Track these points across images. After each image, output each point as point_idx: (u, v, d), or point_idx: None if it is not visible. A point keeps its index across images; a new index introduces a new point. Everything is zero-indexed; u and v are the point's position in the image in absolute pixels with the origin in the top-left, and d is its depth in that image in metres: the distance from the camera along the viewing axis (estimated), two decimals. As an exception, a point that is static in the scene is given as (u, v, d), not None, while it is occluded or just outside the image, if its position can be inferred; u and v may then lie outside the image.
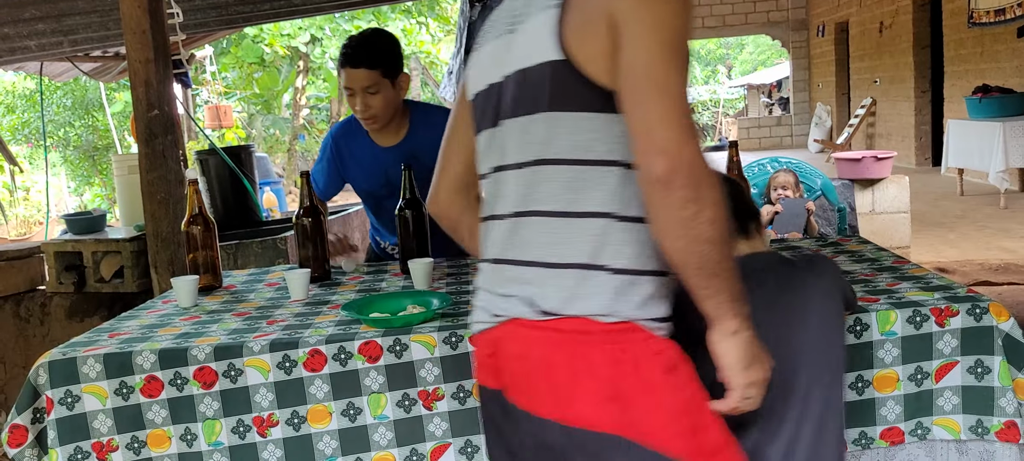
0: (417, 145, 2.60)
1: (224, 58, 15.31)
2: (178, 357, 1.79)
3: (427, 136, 2.54)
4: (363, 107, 2.50)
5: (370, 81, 2.47)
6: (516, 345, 1.30)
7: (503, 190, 1.35)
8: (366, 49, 2.48)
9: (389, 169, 2.61)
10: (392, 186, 2.56)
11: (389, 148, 2.63)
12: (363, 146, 2.65)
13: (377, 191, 2.70)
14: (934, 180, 9.56)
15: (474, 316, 1.40)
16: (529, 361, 1.28)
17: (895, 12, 11.44)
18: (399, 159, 2.54)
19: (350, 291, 2.28)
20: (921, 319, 1.71)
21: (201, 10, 3.99)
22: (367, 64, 2.46)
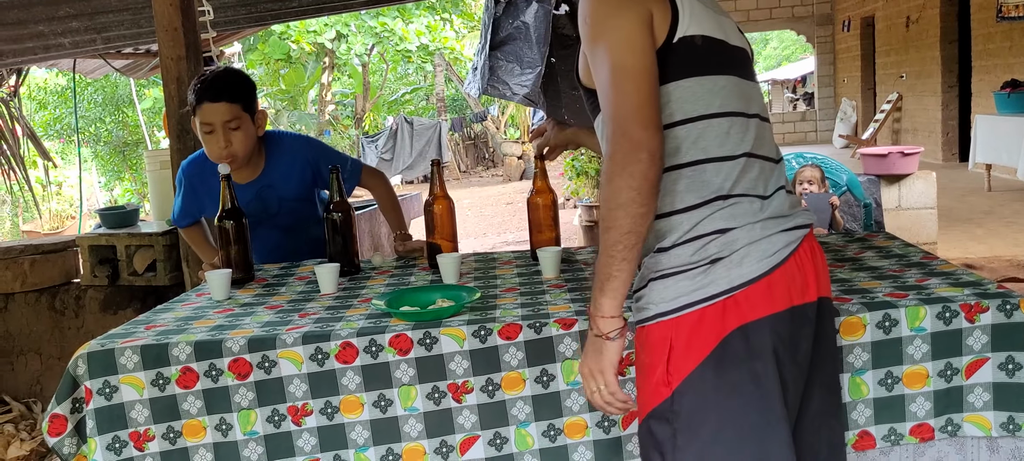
0: (273, 177, 2.61)
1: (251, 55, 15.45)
2: (213, 349, 1.82)
3: (282, 164, 2.61)
4: (225, 143, 2.44)
5: (231, 115, 2.42)
6: (817, 245, 1.53)
7: (766, 136, 1.53)
8: (226, 83, 2.44)
9: (247, 203, 2.53)
10: (252, 218, 2.50)
11: (245, 185, 2.58)
12: (216, 181, 2.45)
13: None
14: (961, 176, 9.46)
15: (768, 248, 1.44)
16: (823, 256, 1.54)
17: (922, 6, 11.32)
18: (255, 194, 2.59)
19: (379, 285, 2.31)
20: (951, 315, 1.71)
21: (231, 8, 4.04)
22: (228, 97, 2.42)
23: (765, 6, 15.61)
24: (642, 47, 1.40)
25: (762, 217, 1.45)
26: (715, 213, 1.43)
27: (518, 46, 7.07)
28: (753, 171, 1.47)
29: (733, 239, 1.42)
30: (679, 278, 1.43)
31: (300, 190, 2.67)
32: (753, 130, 1.49)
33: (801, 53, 24.96)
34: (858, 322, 1.72)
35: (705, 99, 1.45)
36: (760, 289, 1.41)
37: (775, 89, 24.04)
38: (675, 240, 1.44)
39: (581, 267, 2.33)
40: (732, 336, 1.40)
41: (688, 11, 1.45)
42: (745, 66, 1.55)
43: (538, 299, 2.00)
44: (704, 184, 1.44)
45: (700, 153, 1.44)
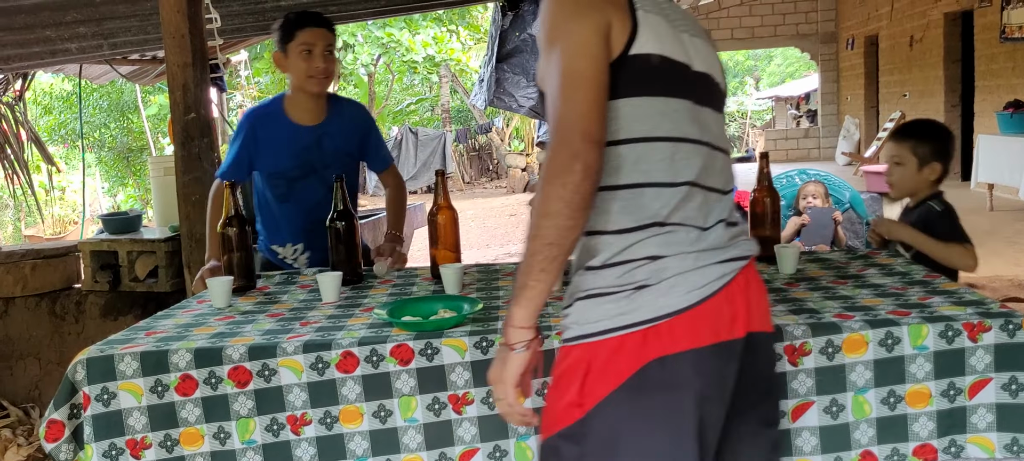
0: (331, 128, 2.80)
1: (258, 63, 15.49)
2: (213, 356, 1.82)
3: (340, 124, 2.82)
4: (325, 65, 2.69)
5: (329, 41, 2.71)
6: (755, 278, 1.50)
7: (718, 166, 1.49)
8: (322, 16, 2.73)
9: (306, 148, 2.75)
10: (305, 167, 2.74)
11: (307, 127, 2.77)
12: (280, 127, 2.75)
13: (290, 171, 2.75)
14: (963, 195, 9.45)
15: (698, 280, 1.40)
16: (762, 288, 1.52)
17: (926, 26, 11.34)
18: (315, 138, 2.76)
19: (381, 294, 2.31)
20: (954, 334, 1.70)
21: (239, 16, 4.06)
22: (328, 26, 2.72)
23: (770, 23, 15.66)
24: (595, 55, 1.36)
25: (697, 248, 1.41)
26: (648, 239, 1.39)
27: (524, 58, 7.09)
28: (695, 200, 1.42)
29: (663, 267, 1.38)
30: (604, 300, 1.39)
31: (351, 147, 2.86)
32: (702, 158, 1.45)
33: (805, 70, 25.00)
34: (861, 339, 1.72)
35: (652, 120, 1.41)
36: (684, 321, 1.37)
37: (779, 106, 24.06)
38: (604, 261, 1.40)
39: (583, 280, 2.32)
40: (651, 366, 1.36)
41: (649, 29, 1.40)
42: (708, 93, 1.50)
43: (542, 310, 1.99)
44: (641, 208, 1.40)
45: (640, 176, 1.40)
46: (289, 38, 2.68)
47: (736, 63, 32.07)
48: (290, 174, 2.75)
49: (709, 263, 1.41)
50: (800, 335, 1.73)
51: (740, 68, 32.17)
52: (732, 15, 15.51)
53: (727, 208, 1.49)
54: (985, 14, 9.61)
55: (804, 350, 1.73)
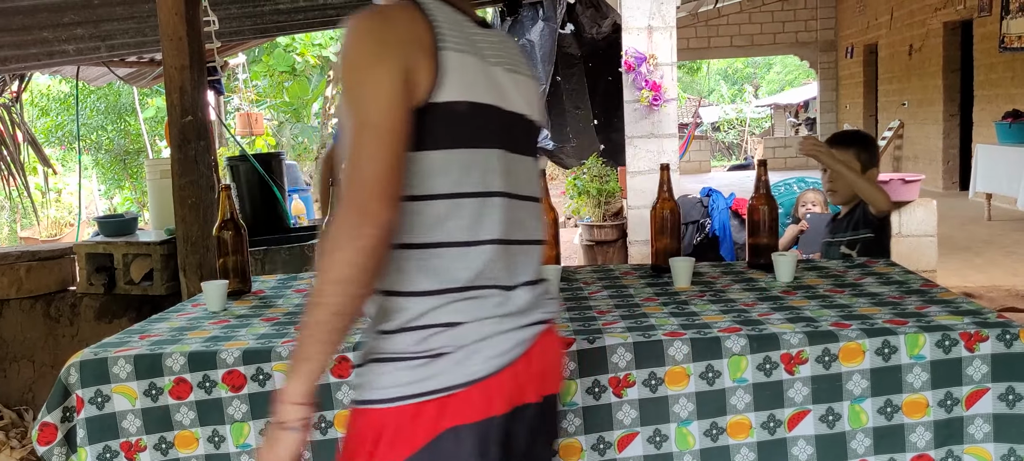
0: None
1: (256, 66, 15.48)
2: (207, 360, 1.81)
3: None
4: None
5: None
6: (553, 341, 1.46)
7: (527, 218, 1.42)
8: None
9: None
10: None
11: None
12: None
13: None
14: (961, 204, 9.45)
15: (498, 347, 1.33)
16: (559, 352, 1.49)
17: (925, 35, 11.36)
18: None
19: (377, 300, 2.30)
20: (950, 344, 1.70)
21: (236, 19, 4.05)
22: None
23: (769, 31, 15.67)
24: (394, 105, 1.24)
25: (499, 313, 1.33)
26: (448, 305, 1.29)
27: (522, 64, 7.09)
28: (501, 260, 1.34)
29: (462, 334, 1.30)
30: (399, 366, 1.29)
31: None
32: (511, 212, 1.36)
33: (804, 78, 25.04)
34: (857, 348, 1.71)
35: (457, 174, 1.30)
36: (481, 390, 1.30)
37: (778, 113, 24.08)
38: (400, 325, 1.30)
39: (581, 286, 2.32)
40: (444, 436, 1.28)
41: (456, 73, 1.29)
42: (523, 137, 1.42)
43: (536, 318, 1.98)
44: (442, 270, 1.30)
45: (443, 235, 1.30)
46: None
47: (735, 70, 32.11)
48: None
49: (510, 328, 1.34)
50: (797, 343, 1.72)
51: (739, 76, 32.21)
52: (731, 22, 15.53)
53: (534, 262, 1.43)
54: (984, 24, 9.63)
55: (801, 358, 1.72)
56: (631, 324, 1.87)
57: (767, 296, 2.10)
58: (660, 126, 6.45)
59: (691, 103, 24.63)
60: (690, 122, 17.28)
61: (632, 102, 6.44)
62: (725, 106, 26.91)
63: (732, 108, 26.29)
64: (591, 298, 2.17)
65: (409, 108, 1.25)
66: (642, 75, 6.29)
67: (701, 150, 15.60)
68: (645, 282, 2.34)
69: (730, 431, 1.74)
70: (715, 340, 1.74)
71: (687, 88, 27.97)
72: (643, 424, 1.75)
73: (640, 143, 6.49)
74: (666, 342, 1.75)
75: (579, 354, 1.76)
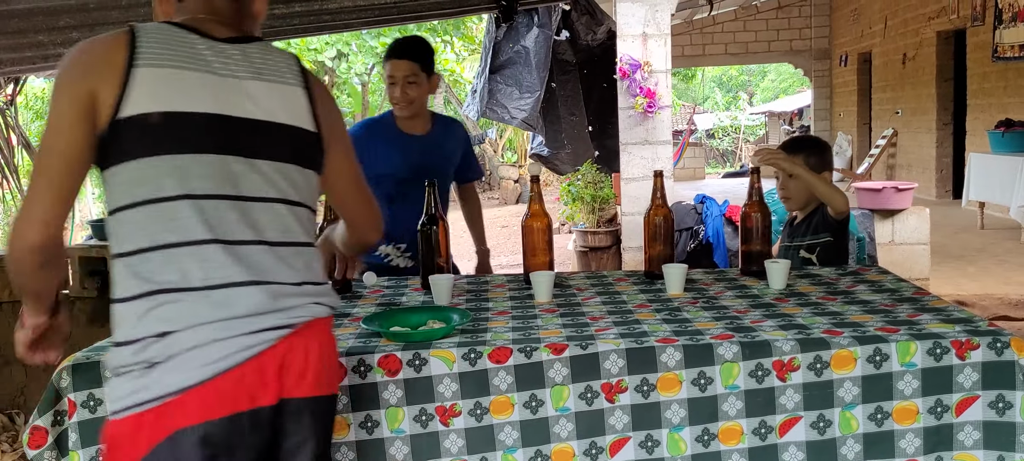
0: (438, 139, 2.99)
1: (249, 71, 15.46)
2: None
3: (447, 136, 3.03)
4: (402, 94, 2.85)
5: (411, 71, 2.84)
6: (317, 341, 1.52)
7: (258, 219, 1.48)
8: (410, 46, 2.89)
9: (414, 154, 2.90)
10: (413, 170, 2.85)
11: (415, 135, 2.95)
12: (389, 132, 2.94)
13: (399, 172, 2.89)
14: (954, 213, 9.49)
15: (214, 353, 1.39)
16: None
17: (919, 44, 11.41)
18: (424, 147, 2.93)
19: (370, 304, 2.30)
20: (942, 351, 1.71)
21: (230, 23, 4.05)
22: (410, 57, 2.85)
23: (764, 39, 15.72)
24: (65, 130, 1.37)
25: (218, 317, 1.40)
26: (158, 308, 1.39)
27: (518, 70, 7.11)
28: (218, 261, 1.41)
29: (175, 342, 1.38)
30: (123, 379, 1.40)
31: (452, 157, 3.06)
32: (235, 213, 1.44)
33: (798, 86, 25.12)
34: (849, 355, 1.72)
35: (157, 181, 1.39)
36: (197, 395, 1.37)
37: (771, 121, 24.15)
38: (120, 338, 1.41)
39: (574, 292, 2.32)
40: (163, 445, 1.37)
41: (146, 85, 1.38)
42: (260, 140, 1.48)
43: (530, 323, 1.99)
44: (147, 275, 1.39)
45: (146, 240, 1.40)
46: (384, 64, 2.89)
47: (730, 78, 32.20)
48: (399, 176, 2.89)
49: (234, 335, 1.40)
50: (788, 350, 1.73)
51: (734, 83, 32.30)
52: (727, 30, 15.58)
53: (276, 264, 1.48)
54: (978, 33, 9.68)
55: (792, 365, 1.73)
56: (624, 330, 1.88)
57: (759, 303, 2.11)
58: (654, 133, 6.47)
59: (686, 110, 24.68)
60: (685, 129, 17.32)
61: (627, 109, 6.45)
62: (720, 113, 26.97)
63: (727, 115, 26.35)
64: (584, 304, 2.17)
65: (92, 130, 1.38)
66: (637, 82, 6.30)
67: (695, 157, 15.65)
68: (638, 288, 2.35)
69: (722, 437, 1.75)
70: (707, 347, 1.75)
71: (682, 95, 28.04)
72: (635, 429, 1.76)
73: (634, 150, 6.51)
74: (659, 348, 1.75)
75: (572, 360, 1.76)
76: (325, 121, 1.59)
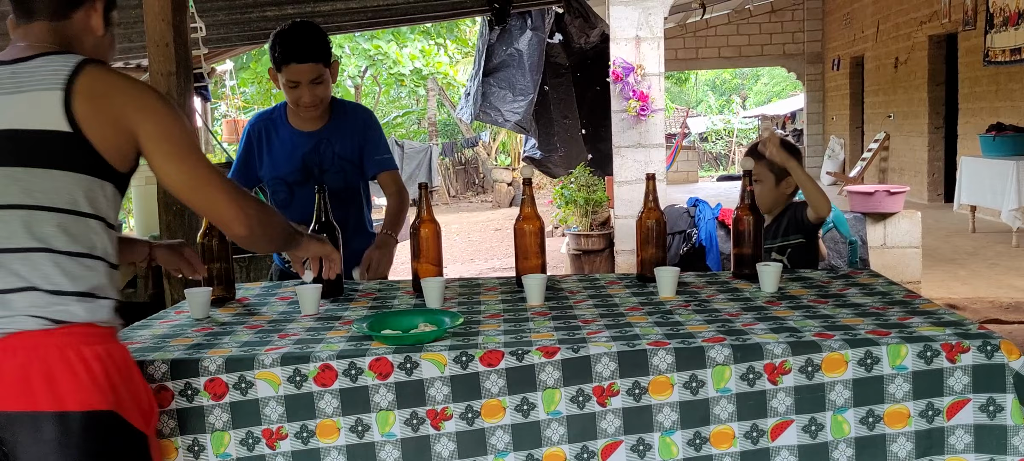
0: (333, 131, 2.78)
1: (244, 73, 15.45)
2: (189, 368, 1.80)
3: (343, 124, 2.80)
4: (310, 97, 2.66)
5: (316, 73, 2.64)
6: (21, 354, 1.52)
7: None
8: (310, 44, 2.64)
9: (307, 153, 2.75)
10: (307, 171, 2.74)
11: (307, 132, 2.77)
12: (281, 132, 2.78)
13: (291, 176, 2.76)
14: (946, 216, 9.52)
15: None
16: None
17: (911, 48, 11.45)
18: (316, 142, 2.75)
19: (362, 307, 2.29)
20: (932, 354, 1.71)
21: (224, 26, 4.04)
22: (313, 58, 2.63)
23: (757, 43, 15.77)
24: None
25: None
26: None
27: (511, 73, 7.12)
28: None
29: None
30: None
31: (350, 152, 2.81)
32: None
33: (791, 90, 25.20)
34: (840, 359, 1.72)
35: None
36: None
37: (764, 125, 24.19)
38: None
39: (566, 295, 2.32)
40: None
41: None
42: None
43: (521, 326, 1.98)
44: None
45: None
46: (277, 66, 2.68)
47: (723, 81, 32.28)
48: (290, 179, 2.75)
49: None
50: (780, 354, 1.73)
51: (727, 86, 32.38)
52: (720, 34, 15.62)
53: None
54: (969, 38, 9.72)
55: (784, 369, 1.73)
56: (615, 333, 1.87)
57: (751, 306, 2.11)
58: (647, 136, 6.48)
59: (679, 113, 24.74)
60: (678, 132, 17.35)
61: (620, 112, 6.46)
62: (713, 117, 27.03)
63: (720, 119, 26.41)
64: (576, 307, 2.17)
65: None
66: (630, 85, 6.31)
67: (689, 160, 15.66)
68: (630, 291, 2.34)
69: (713, 441, 1.75)
70: (699, 350, 1.75)
71: (675, 98, 28.09)
72: (627, 433, 1.75)
73: (627, 153, 6.51)
74: (650, 351, 1.75)
75: (563, 363, 1.75)
76: (94, 120, 1.57)
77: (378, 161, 2.85)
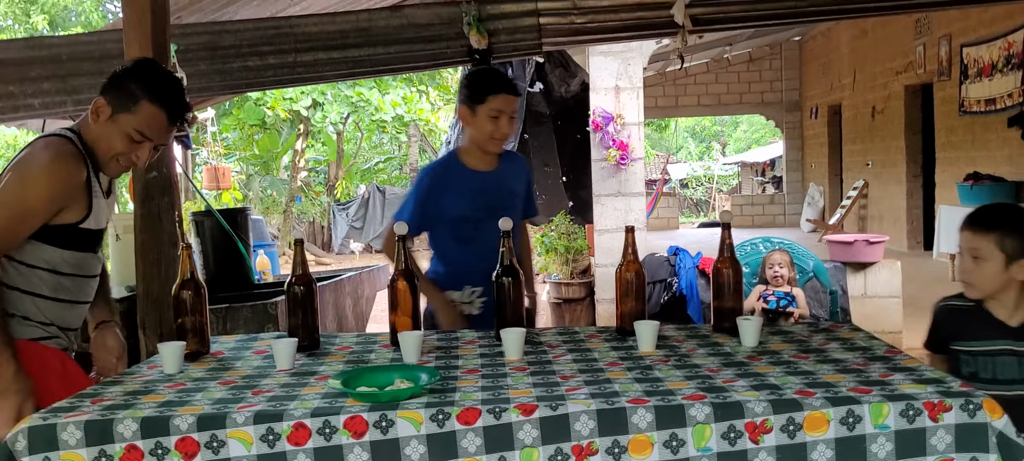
0: (506, 171, 2.98)
1: (226, 119, 15.44)
2: (160, 426, 1.75)
3: (512, 165, 3.04)
4: (509, 128, 2.87)
5: (515, 106, 2.89)
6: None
7: None
8: (509, 79, 2.94)
9: (490, 191, 2.90)
10: (491, 209, 2.80)
11: (486, 172, 2.93)
12: (461, 174, 2.92)
13: (477, 213, 2.86)
14: (926, 264, 9.58)
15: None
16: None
17: (887, 97, 11.62)
18: (496, 180, 2.93)
19: (338, 362, 2.26)
20: (914, 413, 1.69)
21: (205, 75, 4.03)
22: (515, 91, 2.92)
23: (736, 91, 15.95)
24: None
25: None
26: None
27: (492, 121, 7.14)
28: None
29: None
30: None
31: (520, 191, 3.04)
32: None
33: (771, 137, 25.47)
34: (822, 417, 1.70)
35: None
36: None
37: (744, 171, 24.42)
38: None
39: (545, 349, 2.29)
40: None
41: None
42: None
43: (500, 382, 1.96)
44: None
45: None
46: (478, 100, 2.84)
47: (703, 128, 32.60)
48: (476, 217, 2.85)
49: None
50: (761, 412, 1.71)
51: (707, 133, 32.70)
52: (699, 82, 15.80)
53: None
54: (944, 88, 9.88)
55: (765, 427, 1.70)
56: (595, 390, 1.85)
57: (732, 361, 2.09)
58: (627, 185, 6.50)
59: (660, 160, 24.91)
60: (658, 179, 17.45)
61: (600, 161, 6.49)
62: (693, 163, 27.26)
63: (700, 165, 26.63)
64: (555, 362, 2.14)
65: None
66: (609, 134, 6.35)
67: (669, 207, 15.74)
68: (610, 346, 2.32)
69: (695, 501, 1.71)
70: (679, 408, 1.72)
71: (656, 145, 28.33)
72: (607, 494, 1.72)
73: (607, 201, 6.53)
74: (630, 409, 1.73)
75: (541, 421, 1.73)
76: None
77: (533, 207, 3.15)
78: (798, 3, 3.76)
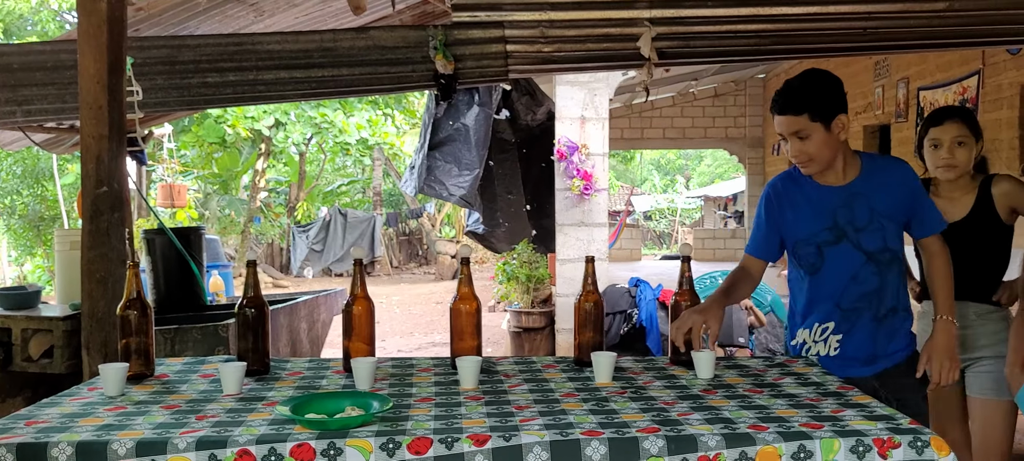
0: (867, 185, 2.53)
1: (184, 136, 15.23)
2: (96, 452, 1.69)
3: (879, 177, 2.55)
4: (796, 151, 2.49)
5: (798, 126, 2.45)
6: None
7: None
8: (793, 95, 2.47)
9: (838, 209, 2.51)
10: (839, 230, 2.50)
11: (836, 187, 2.54)
12: (805, 189, 2.56)
13: (821, 235, 2.51)
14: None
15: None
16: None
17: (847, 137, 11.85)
18: (847, 197, 2.51)
19: (289, 387, 2.20)
20: (864, 449, 1.69)
21: (162, 89, 3.96)
22: (793, 110, 2.45)
23: (700, 125, 16.14)
24: None
25: None
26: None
27: (457, 147, 7.13)
28: None
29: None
30: None
31: (893, 209, 2.54)
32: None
33: (734, 172, 25.81)
34: (774, 452, 1.69)
35: None
36: None
37: (707, 205, 24.67)
38: None
39: (501, 378, 2.26)
40: None
41: None
42: None
43: (453, 411, 1.92)
44: None
45: None
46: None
47: (668, 161, 32.94)
48: (820, 239, 2.51)
49: None
50: (714, 446, 1.69)
51: (672, 166, 33.05)
52: (664, 115, 15.97)
53: None
54: (901, 129, 10.09)
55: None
56: (549, 421, 1.82)
57: (687, 394, 2.08)
58: (590, 215, 6.51)
59: (624, 191, 25.09)
60: (622, 210, 17.57)
61: (563, 190, 6.50)
62: (657, 195, 27.48)
63: (664, 198, 26.86)
64: (511, 392, 2.11)
65: None
66: (574, 164, 6.36)
67: (632, 238, 15.84)
68: (566, 376, 2.30)
69: (646, 536, 1.69)
70: (633, 440, 1.70)
71: (621, 176, 28.54)
72: (557, 528, 1.69)
73: (570, 231, 6.53)
74: (583, 442, 1.70)
75: (494, 452, 1.69)
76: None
77: (931, 222, 2.65)
78: (761, 41, 3.80)
